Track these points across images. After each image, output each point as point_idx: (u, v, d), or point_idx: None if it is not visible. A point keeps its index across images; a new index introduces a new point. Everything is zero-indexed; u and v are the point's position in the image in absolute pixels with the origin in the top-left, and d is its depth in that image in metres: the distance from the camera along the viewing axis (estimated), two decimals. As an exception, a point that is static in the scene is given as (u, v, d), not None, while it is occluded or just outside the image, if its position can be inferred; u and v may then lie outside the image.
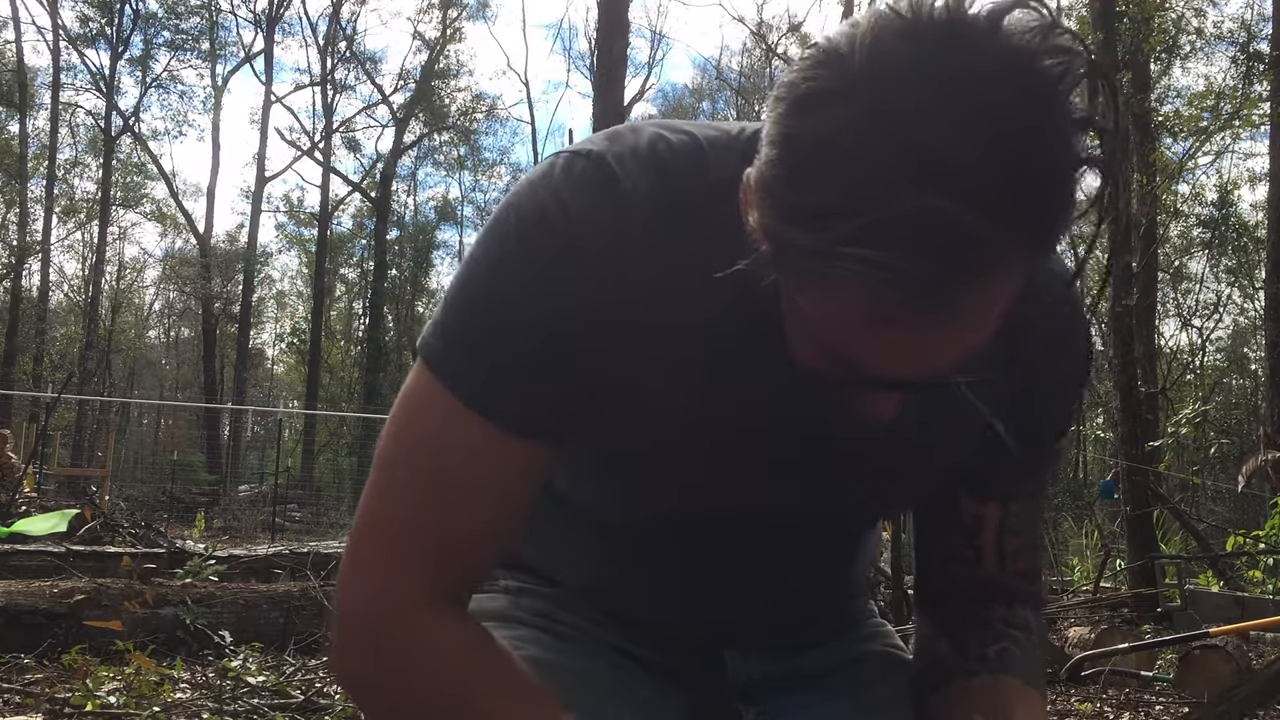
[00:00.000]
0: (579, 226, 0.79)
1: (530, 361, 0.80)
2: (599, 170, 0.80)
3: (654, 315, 0.80)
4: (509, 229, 0.81)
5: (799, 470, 0.89)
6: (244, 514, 15.95)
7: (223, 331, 30.26)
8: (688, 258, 0.79)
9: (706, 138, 0.83)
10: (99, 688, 3.30)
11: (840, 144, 0.62)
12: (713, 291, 0.78)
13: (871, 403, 0.76)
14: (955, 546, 0.99)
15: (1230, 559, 8.07)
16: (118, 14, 28.17)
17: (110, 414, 27.28)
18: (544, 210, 0.79)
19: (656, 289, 0.80)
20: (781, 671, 1.06)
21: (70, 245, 32.19)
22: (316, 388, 28.72)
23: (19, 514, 7.28)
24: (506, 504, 0.84)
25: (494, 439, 0.81)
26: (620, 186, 0.79)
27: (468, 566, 0.85)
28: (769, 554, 0.98)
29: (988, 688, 0.94)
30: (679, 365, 0.82)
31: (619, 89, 9.11)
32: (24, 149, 27.02)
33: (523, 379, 0.80)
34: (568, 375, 0.81)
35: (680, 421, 0.85)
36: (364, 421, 24.49)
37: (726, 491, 0.89)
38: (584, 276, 0.79)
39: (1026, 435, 0.92)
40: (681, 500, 0.91)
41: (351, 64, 30.73)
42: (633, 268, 0.79)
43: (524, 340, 0.80)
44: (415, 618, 0.82)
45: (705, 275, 0.77)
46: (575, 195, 0.79)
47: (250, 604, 4.50)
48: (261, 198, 30.50)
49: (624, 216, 0.79)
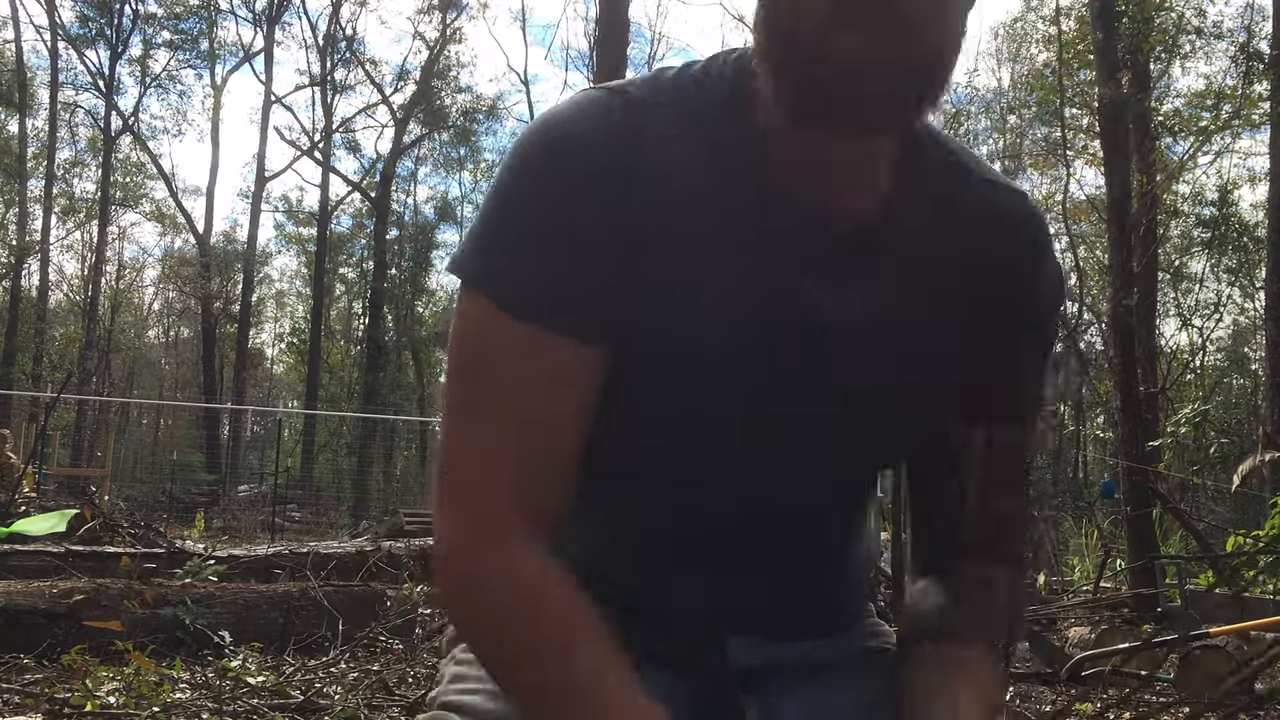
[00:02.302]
0: (597, 136, 0.87)
1: (575, 263, 0.87)
2: (613, 94, 0.90)
3: (670, 212, 0.88)
4: (533, 147, 0.89)
5: (799, 371, 0.93)
6: (244, 514, 15.95)
7: (222, 331, 30.25)
8: (696, 156, 0.89)
9: (699, 71, 0.94)
10: (98, 688, 3.30)
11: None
12: (717, 183, 0.88)
13: (849, 185, 0.87)
14: (939, 487, 1.02)
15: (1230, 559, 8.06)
16: (117, 14, 28.17)
17: (110, 414, 27.27)
18: (566, 145, 0.88)
19: (669, 187, 0.88)
20: (783, 660, 1.06)
21: (70, 245, 32.24)
22: (316, 388, 28.71)
23: (18, 514, 7.28)
24: (574, 413, 0.89)
25: (552, 350, 0.87)
26: (633, 99, 0.89)
27: (547, 483, 0.90)
28: (770, 498, 0.99)
29: (946, 652, 0.97)
30: (694, 252, 0.89)
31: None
32: (23, 149, 27.02)
33: (575, 282, 0.87)
34: (605, 272, 0.87)
35: (694, 312, 0.90)
36: (364, 421, 24.49)
37: (737, 395, 0.93)
38: (606, 181, 0.86)
39: (1003, 364, 0.98)
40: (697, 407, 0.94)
41: (351, 64, 30.76)
42: (649, 174, 0.87)
43: (562, 241, 0.86)
44: (507, 545, 0.87)
45: (711, 168, 0.88)
46: (593, 125, 0.88)
47: (250, 604, 4.50)
48: (261, 197, 30.53)
49: (638, 127, 0.88)
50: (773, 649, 1.06)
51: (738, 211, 0.89)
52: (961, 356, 0.96)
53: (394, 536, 8.04)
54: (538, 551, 0.89)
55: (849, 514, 1.10)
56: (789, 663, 1.06)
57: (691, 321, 0.90)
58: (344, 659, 4.24)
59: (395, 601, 4.97)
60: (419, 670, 4.08)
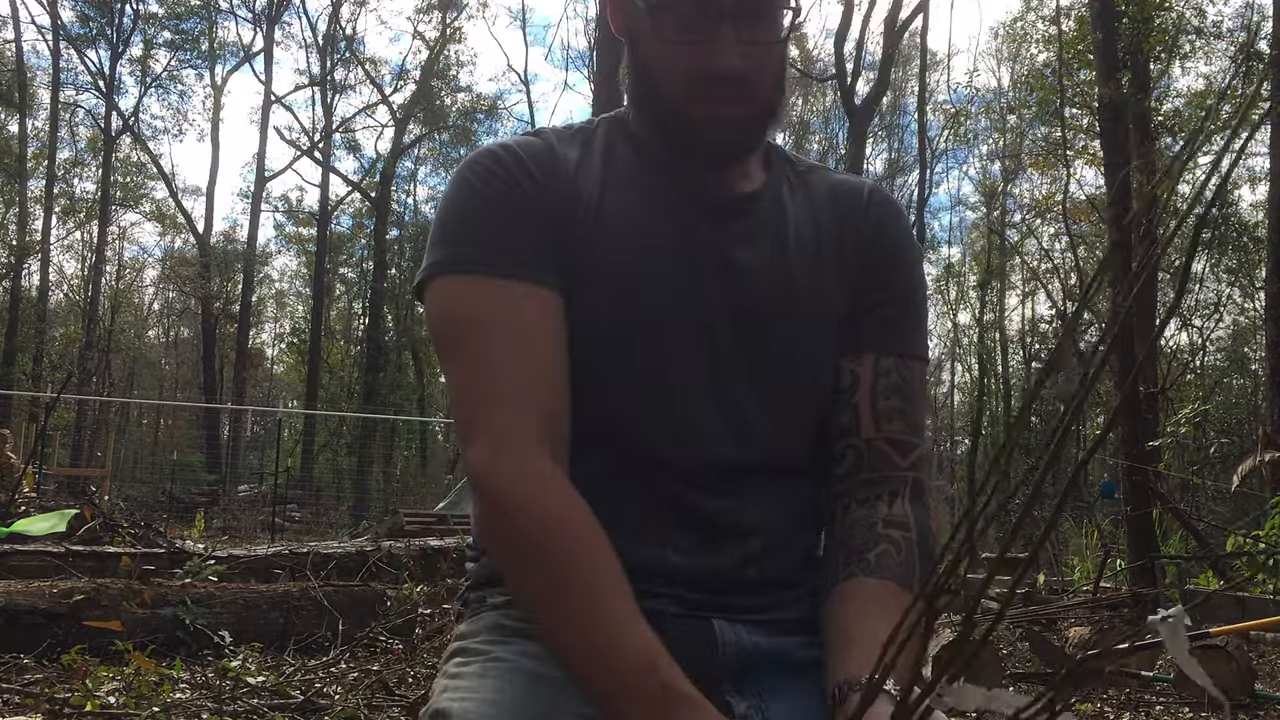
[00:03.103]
0: (514, 150, 1.10)
1: (514, 223, 1.06)
2: (522, 134, 1.15)
3: (586, 188, 1.10)
4: (464, 172, 1.10)
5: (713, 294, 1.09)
6: (243, 514, 15.95)
7: (222, 331, 30.25)
8: (590, 155, 1.13)
9: (586, 121, 1.22)
10: (99, 688, 3.30)
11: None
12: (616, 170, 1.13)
13: (725, 49, 1.03)
14: (839, 417, 1.13)
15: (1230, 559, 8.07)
16: (118, 14, 28.16)
17: (110, 414, 27.28)
18: (488, 151, 1.12)
19: (585, 174, 1.11)
20: (769, 650, 1.08)
21: (70, 245, 32.23)
22: (316, 387, 28.70)
23: (18, 514, 7.27)
24: (551, 350, 1.04)
25: (515, 293, 1.03)
26: (539, 132, 1.16)
27: (549, 408, 1.02)
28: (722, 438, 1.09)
29: (860, 589, 1.04)
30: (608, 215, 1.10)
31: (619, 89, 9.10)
32: (23, 149, 27.00)
33: (517, 238, 1.06)
34: (547, 231, 1.07)
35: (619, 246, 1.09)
36: (364, 421, 24.48)
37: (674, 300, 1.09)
38: (523, 168, 1.09)
39: (874, 305, 1.15)
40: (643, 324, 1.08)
41: (351, 64, 30.75)
42: (557, 165, 1.10)
43: (500, 209, 1.07)
44: (524, 459, 0.98)
45: (609, 164, 1.13)
46: (508, 141, 1.13)
47: (250, 604, 4.50)
48: (261, 197, 30.52)
49: (548, 141, 1.13)
50: (760, 636, 1.08)
51: (633, 176, 1.12)
52: (835, 297, 1.14)
53: (394, 536, 8.03)
54: (556, 474, 0.99)
55: (796, 470, 1.14)
56: (777, 655, 1.08)
57: (618, 255, 1.08)
58: (344, 659, 4.25)
59: (395, 601, 4.97)
60: (419, 670, 4.08)
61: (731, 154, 1.11)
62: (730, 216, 1.13)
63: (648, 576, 1.04)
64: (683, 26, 1.04)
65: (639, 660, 0.90)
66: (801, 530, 1.15)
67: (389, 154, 30.30)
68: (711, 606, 1.07)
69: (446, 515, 10.05)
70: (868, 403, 1.12)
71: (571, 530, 0.96)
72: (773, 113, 1.11)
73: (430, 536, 7.67)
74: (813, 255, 1.15)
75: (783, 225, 1.15)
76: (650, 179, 1.13)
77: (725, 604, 1.08)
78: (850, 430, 1.12)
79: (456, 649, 1.12)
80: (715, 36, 1.03)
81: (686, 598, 1.07)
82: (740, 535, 1.09)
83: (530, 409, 1.00)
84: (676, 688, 0.89)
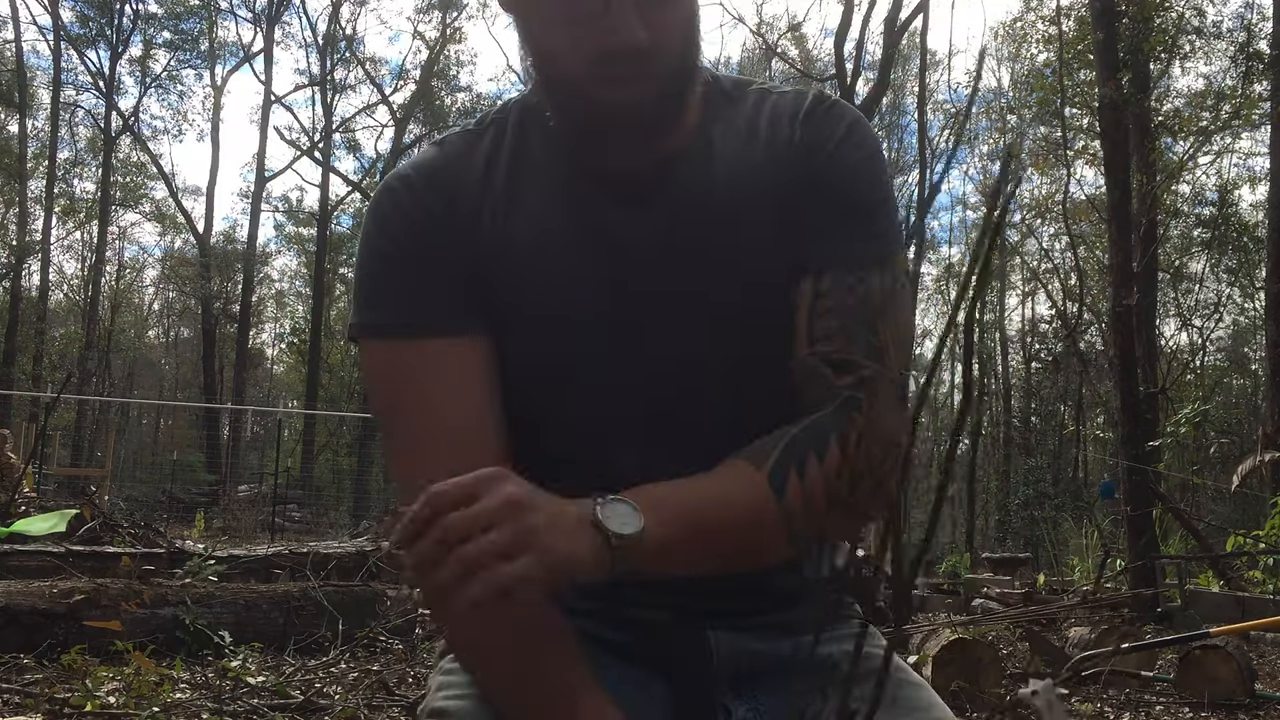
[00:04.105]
0: (413, 183, 1.06)
1: (420, 276, 1.03)
2: (428, 144, 1.14)
3: (483, 204, 1.05)
4: (367, 221, 1.08)
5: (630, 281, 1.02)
6: (243, 514, 15.93)
7: (222, 331, 30.24)
8: (498, 151, 1.08)
9: (494, 108, 1.16)
10: (98, 688, 3.30)
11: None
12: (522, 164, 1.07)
13: (619, 24, 0.93)
14: (785, 353, 1.02)
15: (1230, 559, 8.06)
16: (117, 14, 28.17)
17: (110, 414, 27.29)
18: (388, 190, 1.07)
19: (490, 180, 1.06)
20: (765, 654, 1.07)
21: (70, 245, 32.24)
22: (316, 388, 28.70)
23: (18, 514, 7.27)
24: (479, 400, 1.01)
25: (432, 351, 1.01)
26: (443, 141, 1.11)
27: (476, 463, 0.92)
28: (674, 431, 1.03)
29: None
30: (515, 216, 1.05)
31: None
32: (24, 149, 27.00)
33: (424, 291, 1.02)
34: (455, 270, 1.03)
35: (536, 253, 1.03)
36: (364, 421, 24.47)
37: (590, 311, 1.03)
38: (421, 206, 1.05)
39: (813, 203, 1.03)
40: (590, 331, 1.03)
41: (351, 64, 30.75)
42: (459, 183, 1.06)
43: (405, 263, 1.03)
44: None
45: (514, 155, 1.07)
46: (407, 170, 1.09)
47: (250, 604, 4.49)
48: (261, 197, 30.52)
49: (444, 154, 1.09)
50: (754, 641, 1.07)
51: (542, 173, 1.06)
52: (783, 237, 1.02)
53: (394, 536, 8.02)
54: None
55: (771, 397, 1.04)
56: (773, 659, 1.08)
57: (535, 263, 1.03)
58: (344, 659, 4.24)
59: (395, 601, 4.97)
60: (419, 670, 4.08)
61: (648, 132, 1.01)
62: (639, 186, 1.04)
63: (640, 586, 1.01)
64: (568, 3, 0.94)
65: None
66: None
67: (389, 154, 30.30)
68: (705, 614, 1.06)
69: (446, 515, 10.03)
70: (804, 327, 1.01)
71: None
72: (688, 74, 1.01)
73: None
74: (750, 196, 1.03)
75: (706, 177, 1.04)
76: (559, 165, 1.05)
77: (718, 610, 1.06)
78: (788, 356, 1.02)
79: None
80: (608, 12, 0.93)
81: (679, 606, 1.05)
82: None
83: (454, 471, 0.92)
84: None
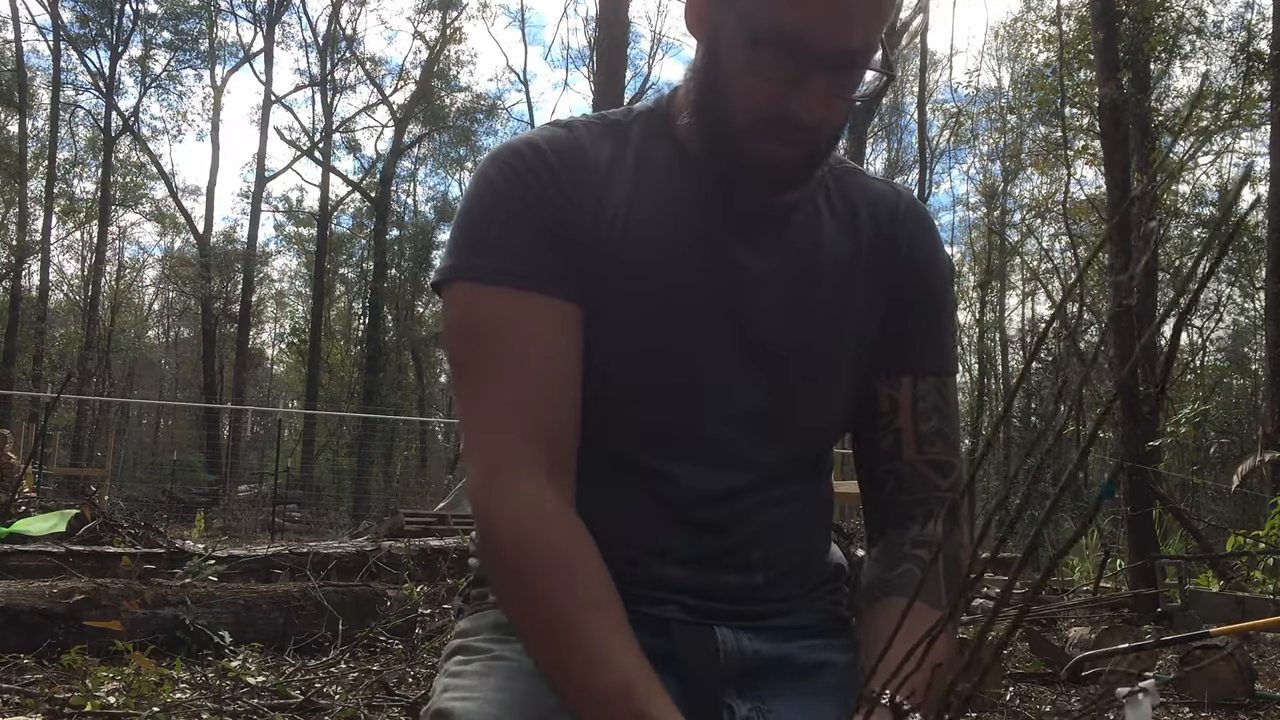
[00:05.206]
0: (542, 150, 1.07)
1: (535, 234, 1.04)
2: (548, 124, 1.12)
3: (612, 192, 1.07)
4: (488, 169, 1.08)
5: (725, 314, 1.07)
6: (243, 514, 15.92)
7: (222, 331, 30.24)
8: (624, 153, 1.10)
9: (623, 109, 1.17)
10: (98, 688, 3.30)
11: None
12: (646, 175, 1.09)
13: (811, 100, 0.99)
14: (880, 442, 1.12)
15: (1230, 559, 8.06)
16: (117, 14, 28.16)
17: (110, 414, 27.28)
18: (515, 149, 1.08)
19: (610, 179, 1.08)
20: (772, 655, 1.08)
21: (70, 245, 32.23)
22: (316, 388, 28.70)
23: (18, 514, 7.27)
24: (565, 367, 1.03)
25: (530, 305, 1.02)
26: (569, 125, 1.12)
27: (549, 429, 1.01)
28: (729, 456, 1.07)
29: (883, 610, 1.04)
30: (635, 223, 1.07)
31: (619, 89, 9.10)
32: (24, 149, 27.01)
33: (537, 249, 1.03)
34: (570, 244, 1.04)
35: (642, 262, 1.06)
36: (364, 421, 24.48)
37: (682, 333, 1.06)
38: (551, 174, 1.06)
39: (907, 323, 1.13)
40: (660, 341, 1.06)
41: (351, 64, 30.75)
42: (586, 167, 1.07)
43: (525, 218, 1.04)
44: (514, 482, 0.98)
45: (639, 163, 1.09)
46: (536, 138, 1.09)
47: (250, 604, 4.49)
48: (261, 197, 30.51)
49: (577, 137, 1.09)
50: (761, 642, 1.08)
51: (668, 192, 1.09)
52: (862, 310, 1.12)
53: (394, 536, 8.03)
54: (545, 496, 0.97)
55: (806, 481, 1.14)
56: (780, 660, 1.08)
57: (660, 280, 1.06)
58: (344, 659, 4.24)
59: (395, 601, 4.96)
60: (419, 670, 4.08)
61: (776, 191, 1.08)
62: (761, 230, 1.10)
63: (653, 585, 1.05)
64: (777, 64, 0.99)
65: (613, 686, 0.89)
66: (807, 536, 1.15)
67: (389, 154, 30.32)
68: (715, 614, 1.07)
69: (446, 515, 10.04)
70: (909, 427, 1.11)
71: (553, 552, 0.95)
72: (825, 160, 1.10)
73: (430, 536, 7.66)
74: (845, 268, 1.12)
75: (816, 238, 1.12)
76: (685, 187, 1.09)
77: (728, 611, 1.08)
78: (892, 455, 1.12)
79: (458, 646, 1.12)
80: (805, 84, 0.99)
81: (690, 604, 1.07)
82: (745, 543, 1.08)
83: (528, 431, 0.99)
84: (649, 715, 0.88)
